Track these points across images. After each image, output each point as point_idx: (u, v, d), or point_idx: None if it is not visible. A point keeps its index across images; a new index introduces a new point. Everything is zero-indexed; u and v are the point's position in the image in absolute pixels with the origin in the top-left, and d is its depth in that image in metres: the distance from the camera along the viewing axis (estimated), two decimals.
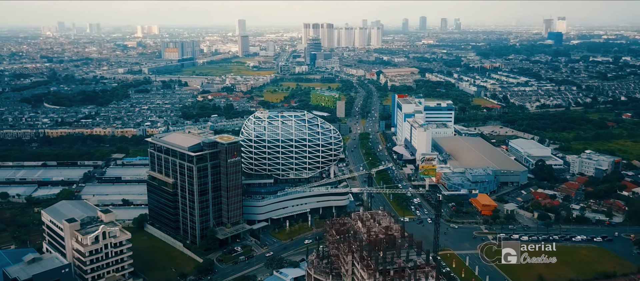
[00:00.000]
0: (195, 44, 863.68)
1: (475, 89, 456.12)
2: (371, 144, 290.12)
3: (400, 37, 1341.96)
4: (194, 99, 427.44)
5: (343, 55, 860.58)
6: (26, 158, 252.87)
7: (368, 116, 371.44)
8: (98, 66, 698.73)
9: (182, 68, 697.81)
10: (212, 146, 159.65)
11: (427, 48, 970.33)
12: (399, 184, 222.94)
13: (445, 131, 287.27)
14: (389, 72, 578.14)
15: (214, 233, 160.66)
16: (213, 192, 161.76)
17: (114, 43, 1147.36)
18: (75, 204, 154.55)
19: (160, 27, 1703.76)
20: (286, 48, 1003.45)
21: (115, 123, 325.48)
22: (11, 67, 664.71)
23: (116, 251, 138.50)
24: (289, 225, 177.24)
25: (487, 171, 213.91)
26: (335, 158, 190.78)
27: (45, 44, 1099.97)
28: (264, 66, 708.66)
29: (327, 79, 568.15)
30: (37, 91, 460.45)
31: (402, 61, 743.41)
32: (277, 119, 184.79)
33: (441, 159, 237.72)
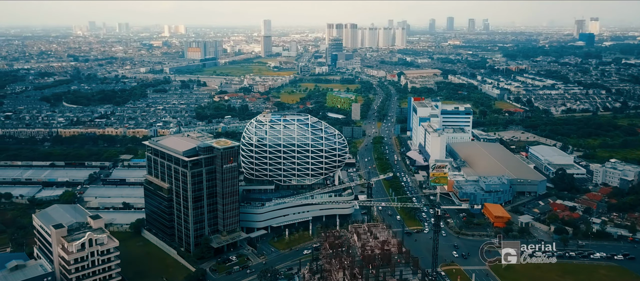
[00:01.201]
0: (217, 43, 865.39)
1: (498, 92, 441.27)
2: (384, 149, 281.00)
3: (427, 38, 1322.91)
4: (211, 100, 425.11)
5: (366, 55, 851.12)
6: (36, 158, 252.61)
7: (385, 119, 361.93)
8: (121, 65, 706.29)
9: (204, 68, 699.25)
10: (208, 151, 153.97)
11: (452, 49, 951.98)
12: (408, 193, 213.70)
13: (462, 136, 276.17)
14: (410, 74, 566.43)
15: (208, 241, 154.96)
16: (208, 198, 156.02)
17: (140, 42, 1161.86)
18: (67, 208, 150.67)
19: (187, 26, 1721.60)
20: (309, 48, 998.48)
21: (128, 123, 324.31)
22: (38, 66, 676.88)
23: (103, 259, 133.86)
24: (288, 234, 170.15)
25: (502, 180, 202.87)
26: (339, 164, 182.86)
27: (74, 43, 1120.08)
28: (284, 66, 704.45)
29: (346, 80, 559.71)
30: (58, 90, 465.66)
31: (426, 62, 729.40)
32: (279, 123, 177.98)
33: (455, 166, 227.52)
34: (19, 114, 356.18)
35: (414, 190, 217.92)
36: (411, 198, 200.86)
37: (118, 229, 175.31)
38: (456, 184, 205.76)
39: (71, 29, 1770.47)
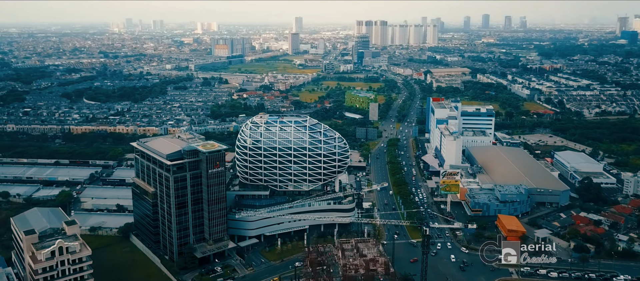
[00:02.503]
0: (245, 41, 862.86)
1: (528, 93, 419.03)
2: (399, 152, 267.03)
3: (460, 36, 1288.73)
4: (229, 98, 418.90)
5: (395, 53, 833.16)
6: (42, 155, 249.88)
7: (405, 120, 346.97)
8: (149, 61, 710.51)
9: (229, 65, 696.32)
10: (193, 155, 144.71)
11: (484, 47, 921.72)
12: (417, 200, 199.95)
13: (482, 139, 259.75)
14: (437, 72, 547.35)
15: (192, 250, 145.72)
16: (193, 205, 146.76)
17: (172, 39, 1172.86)
18: (46, 212, 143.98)
19: (220, 24, 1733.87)
20: (337, 46, 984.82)
21: (139, 121, 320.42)
22: (68, 62, 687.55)
23: (75, 268, 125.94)
24: (281, 244, 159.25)
25: (519, 189, 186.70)
26: (340, 170, 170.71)
27: (108, 40, 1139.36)
28: (309, 64, 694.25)
29: (370, 79, 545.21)
30: (81, 86, 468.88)
31: (456, 60, 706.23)
32: (275, 124, 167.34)
33: (470, 172, 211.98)
34: (37, 110, 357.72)
35: (424, 198, 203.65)
36: (417, 209, 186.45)
37: (106, 234, 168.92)
38: (469, 193, 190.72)
39: (109, 26, 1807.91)
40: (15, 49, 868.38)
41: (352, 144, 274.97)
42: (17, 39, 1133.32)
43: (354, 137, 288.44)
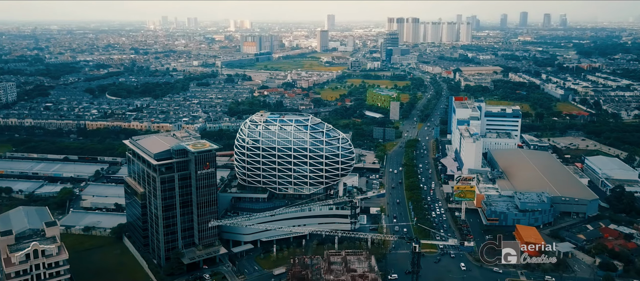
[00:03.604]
0: (273, 38, 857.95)
1: (562, 93, 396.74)
2: (418, 154, 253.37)
3: (496, 34, 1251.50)
4: (250, 95, 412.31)
5: (425, 51, 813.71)
6: (52, 150, 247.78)
7: (428, 120, 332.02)
8: (177, 58, 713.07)
9: (256, 62, 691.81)
10: (181, 154, 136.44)
11: (520, 45, 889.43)
12: (429, 206, 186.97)
13: (507, 141, 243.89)
14: (467, 71, 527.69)
15: (179, 256, 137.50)
16: (182, 208, 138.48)
17: (203, 36, 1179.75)
18: (31, 211, 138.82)
19: (253, 22, 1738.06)
20: (368, 43, 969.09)
21: (156, 117, 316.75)
22: (99, 58, 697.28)
23: (51, 272, 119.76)
24: (277, 250, 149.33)
25: (541, 198, 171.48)
26: (344, 173, 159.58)
27: (142, 37, 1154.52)
28: (337, 61, 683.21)
29: (397, 77, 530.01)
30: (105, 82, 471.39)
31: (488, 58, 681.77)
32: (275, 123, 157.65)
33: (490, 177, 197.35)
34: (58, 105, 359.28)
35: (437, 203, 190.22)
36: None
37: (100, 234, 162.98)
38: (486, 200, 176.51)
39: (145, 24, 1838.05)
40: (51, 45, 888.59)
41: (368, 144, 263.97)
42: (56, 35, 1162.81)
43: (371, 138, 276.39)
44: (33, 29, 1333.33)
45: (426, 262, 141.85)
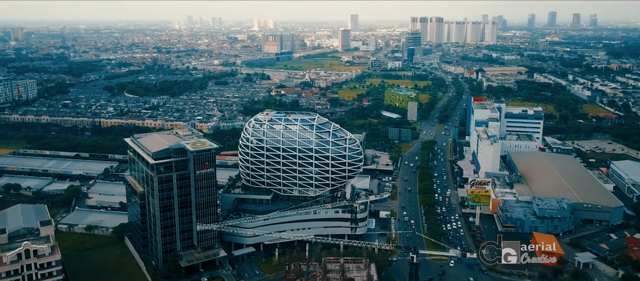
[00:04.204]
0: (294, 37, 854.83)
1: (589, 94, 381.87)
2: (434, 156, 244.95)
3: (523, 34, 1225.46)
4: (268, 94, 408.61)
5: (449, 51, 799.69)
6: (65, 147, 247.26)
7: (447, 121, 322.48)
8: (198, 57, 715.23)
9: (276, 61, 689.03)
10: (180, 153, 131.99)
11: (547, 46, 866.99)
12: (443, 210, 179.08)
13: (528, 144, 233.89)
14: (490, 71, 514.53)
15: (177, 258, 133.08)
16: (181, 208, 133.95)
17: (227, 36, 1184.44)
18: (28, 209, 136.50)
19: (277, 22, 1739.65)
20: (390, 43, 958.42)
21: (171, 115, 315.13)
22: (121, 56, 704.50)
23: (43, 272, 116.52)
24: (279, 254, 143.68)
25: (561, 204, 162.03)
26: (351, 175, 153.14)
27: (167, 36, 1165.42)
28: (357, 61, 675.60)
29: (418, 77, 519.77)
30: (125, 80, 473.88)
31: (513, 58, 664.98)
32: (280, 122, 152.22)
33: (508, 181, 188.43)
34: (76, 102, 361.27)
35: (451, 208, 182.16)
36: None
37: (102, 233, 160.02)
38: (502, 205, 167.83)
39: (171, 23, 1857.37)
40: (77, 44, 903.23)
41: (383, 145, 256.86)
42: (83, 35, 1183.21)
43: (387, 139, 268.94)
44: (62, 29, 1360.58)
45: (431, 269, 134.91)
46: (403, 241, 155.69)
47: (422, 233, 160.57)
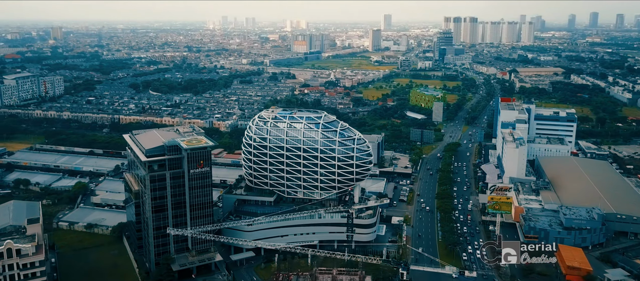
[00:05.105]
0: (324, 37, 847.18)
1: (630, 96, 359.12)
2: (458, 159, 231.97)
3: (562, 35, 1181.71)
4: (291, 93, 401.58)
5: (482, 51, 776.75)
6: (80, 143, 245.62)
7: (474, 123, 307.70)
8: (228, 56, 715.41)
9: (305, 61, 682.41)
10: (174, 151, 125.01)
11: (587, 46, 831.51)
12: (460, 218, 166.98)
13: (559, 148, 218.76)
14: (524, 72, 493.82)
15: (169, 262, 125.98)
16: (175, 209, 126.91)
17: (259, 36, 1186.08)
18: (20, 206, 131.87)
19: (309, 22, 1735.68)
20: (423, 43, 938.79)
21: (190, 113, 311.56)
22: (153, 55, 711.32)
23: (26, 273, 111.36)
24: (278, 260, 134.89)
25: (591, 214, 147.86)
26: (359, 177, 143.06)
27: (200, 36, 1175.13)
28: (387, 60, 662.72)
29: (448, 77, 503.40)
30: (151, 78, 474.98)
31: (550, 59, 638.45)
32: (284, 120, 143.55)
33: (534, 188, 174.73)
34: (100, 99, 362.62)
35: (468, 216, 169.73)
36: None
37: (102, 232, 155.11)
38: (526, 213, 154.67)
39: (205, 23, 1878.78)
40: (112, 43, 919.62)
41: (403, 147, 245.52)
42: (119, 34, 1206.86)
43: (408, 140, 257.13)
44: (100, 28, 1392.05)
45: None
46: (414, 249, 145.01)
47: (436, 241, 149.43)
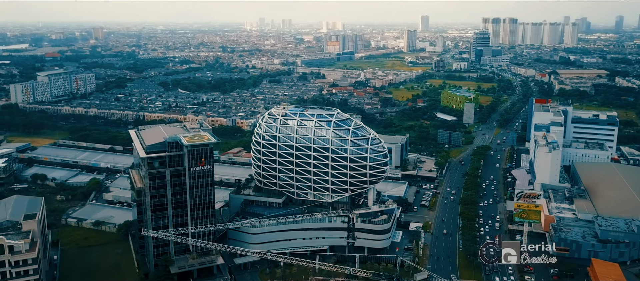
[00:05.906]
0: (357, 38, 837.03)
1: None
2: (487, 162, 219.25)
3: (608, 37, 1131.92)
4: (319, 93, 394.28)
5: (522, 53, 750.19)
6: (102, 139, 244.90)
7: (508, 125, 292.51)
8: (260, 56, 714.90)
9: (337, 61, 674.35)
10: (175, 148, 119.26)
11: (635, 49, 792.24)
12: (485, 226, 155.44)
13: (597, 153, 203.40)
14: (564, 74, 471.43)
15: (168, 263, 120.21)
16: (175, 208, 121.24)
17: (294, 37, 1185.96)
18: (22, 201, 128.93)
19: (346, 23, 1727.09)
20: (460, 44, 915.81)
21: (212, 111, 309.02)
22: (187, 55, 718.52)
23: (18, 270, 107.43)
24: (283, 265, 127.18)
25: (631, 226, 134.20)
26: (374, 180, 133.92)
27: (236, 37, 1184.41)
28: (421, 61, 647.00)
29: (483, 78, 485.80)
30: (182, 76, 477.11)
31: (593, 61, 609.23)
32: (295, 118, 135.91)
33: (567, 195, 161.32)
34: (129, 96, 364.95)
35: (494, 223, 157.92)
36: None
37: (109, 229, 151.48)
38: (555, 224, 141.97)
39: (243, 25, 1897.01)
40: (150, 43, 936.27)
41: (430, 149, 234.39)
42: (158, 35, 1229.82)
43: (436, 142, 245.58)
44: (140, 29, 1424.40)
45: None
46: (432, 259, 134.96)
47: (457, 250, 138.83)
